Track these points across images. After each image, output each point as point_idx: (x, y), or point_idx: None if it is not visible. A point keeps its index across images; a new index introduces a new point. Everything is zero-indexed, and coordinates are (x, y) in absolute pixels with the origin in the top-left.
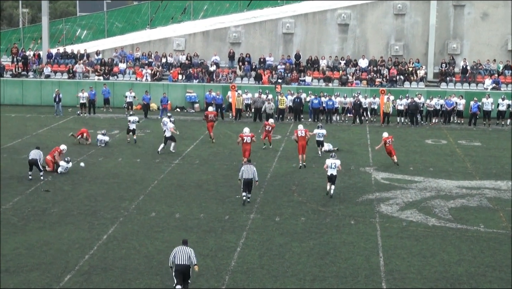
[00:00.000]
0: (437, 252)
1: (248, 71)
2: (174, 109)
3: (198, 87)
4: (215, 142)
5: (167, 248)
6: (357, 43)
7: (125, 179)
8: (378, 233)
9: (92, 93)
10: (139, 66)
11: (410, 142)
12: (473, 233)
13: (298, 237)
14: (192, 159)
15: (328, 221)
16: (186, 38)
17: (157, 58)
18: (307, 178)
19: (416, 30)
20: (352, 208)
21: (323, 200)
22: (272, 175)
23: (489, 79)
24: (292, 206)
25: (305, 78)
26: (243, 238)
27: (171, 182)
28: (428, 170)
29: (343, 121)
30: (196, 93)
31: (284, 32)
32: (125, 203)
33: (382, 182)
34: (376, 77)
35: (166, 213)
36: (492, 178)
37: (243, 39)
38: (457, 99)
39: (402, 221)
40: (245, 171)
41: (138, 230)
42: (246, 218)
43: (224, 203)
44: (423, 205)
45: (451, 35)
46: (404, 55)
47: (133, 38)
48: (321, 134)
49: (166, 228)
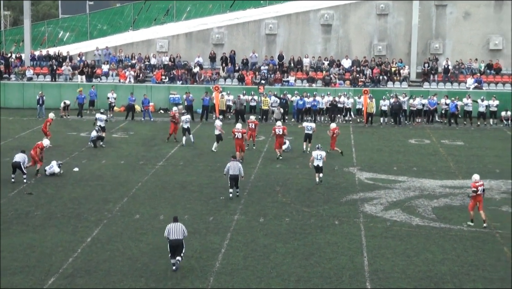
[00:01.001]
0: (421, 252)
1: (231, 72)
2: (157, 111)
3: (181, 89)
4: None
5: (152, 250)
6: (340, 43)
7: (109, 181)
8: (362, 233)
9: (82, 97)
10: (122, 68)
11: (393, 142)
12: (456, 232)
13: (282, 237)
14: (176, 160)
15: (313, 222)
16: (169, 39)
17: (140, 60)
18: (291, 179)
19: (398, 30)
20: (336, 208)
21: (308, 200)
22: (256, 176)
23: (471, 79)
24: (277, 207)
25: (289, 79)
26: (228, 239)
27: (155, 183)
28: (411, 169)
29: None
30: (180, 95)
31: (267, 33)
32: (109, 205)
33: (366, 182)
34: (359, 78)
35: (150, 215)
36: None
37: (226, 40)
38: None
39: (386, 221)
40: (231, 167)
41: (122, 232)
42: (231, 219)
43: (208, 204)
44: (407, 204)
45: (434, 35)
46: (387, 55)
47: (116, 40)
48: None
49: (151, 230)
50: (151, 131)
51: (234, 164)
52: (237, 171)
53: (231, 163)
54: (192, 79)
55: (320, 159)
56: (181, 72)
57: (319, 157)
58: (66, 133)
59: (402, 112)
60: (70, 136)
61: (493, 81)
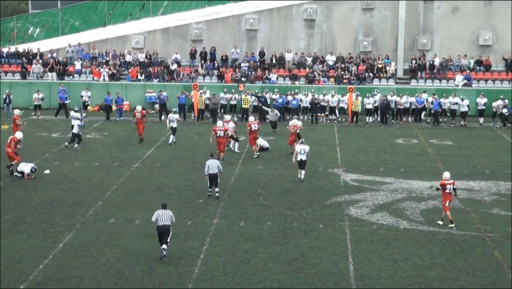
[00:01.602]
0: (408, 256)
1: (211, 69)
2: (133, 110)
3: (158, 87)
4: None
5: (127, 256)
6: (324, 39)
7: (82, 183)
8: (347, 237)
9: (65, 96)
10: (96, 66)
11: (380, 142)
12: (445, 235)
13: (264, 242)
14: (153, 162)
15: (295, 225)
16: (145, 35)
17: (115, 57)
18: (273, 181)
19: (385, 25)
20: (320, 211)
21: (290, 203)
22: (237, 178)
23: (460, 76)
24: (258, 210)
25: (270, 76)
26: (207, 244)
27: (131, 186)
28: (399, 170)
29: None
30: (157, 94)
31: (248, 29)
32: (82, 209)
33: (352, 183)
34: (344, 75)
35: (126, 219)
36: (464, 178)
37: (205, 36)
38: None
39: (373, 224)
40: (210, 166)
41: (96, 238)
42: (210, 223)
43: (187, 208)
44: (394, 207)
45: (421, 30)
46: (373, 51)
47: (89, 36)
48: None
49: (126, 235)
50: (126, 132)
51: (212, 162)
52: (216, 169)
53: (210, 161)
54: (169, 77)
55: (303, 153)
56: (158, 69)
57: (303, 151)
58: (37, 134)
59: (389, 111)
60: (41, 137)
61: (483, 78)
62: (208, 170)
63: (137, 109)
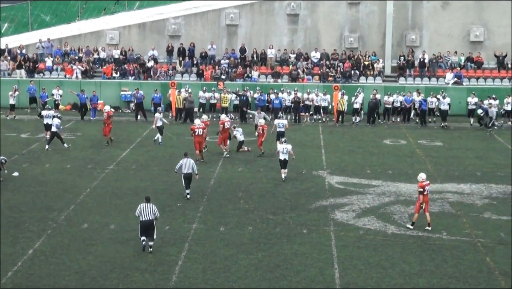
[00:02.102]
0: (396, 263)
1: (189, 66)
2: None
3: (134, 85)
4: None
5: (101, 263)
6: (308, 35)
7: (53, 187)
8: (332, 242)
9: (45, 94)
10: (68, 62)
11: (367, 143)
12: (435, 241)
13: (245, 248)
14: (128, 164)
15: (278, 230)
16: (120, 31)
17: (88, 53)
18: (255, 183)
19: (372, 21)
20: (305, 215)
21: (273, 207)
22: (216, 181)
23: (450, 73)
24: (238, 215)
25: (252, 74)
26: (185, 251)
27: (105, 189)
28: (386, 172)
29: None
30: (132, 92)
31: (228, 24)
32: (53, 214)
33: (337, 186)
34: (329, 72)
35: (100, 224)
36: (455, 181)
37: (183, 32)
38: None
39: (359, 229)
40: (184, 165)
41: (68, 244)
42: (188, 228)
43: (164, 212)
44: (382, 211)
45: (410, 26)
46: (359, 48)
47: (61, 31)
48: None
49: (100, 241)
50: (100, 132)
51: (187, 161)
52: (191, 169)
53: (184, 160)
54: (145, 74)
55: (286, 153)
56: (134, 66)
57: (285, 150)
58: (5, 134)
59: (377, 111)
60: (9, 137)
61: (474, 76)
62: (182, 169)
63: (104, 109)
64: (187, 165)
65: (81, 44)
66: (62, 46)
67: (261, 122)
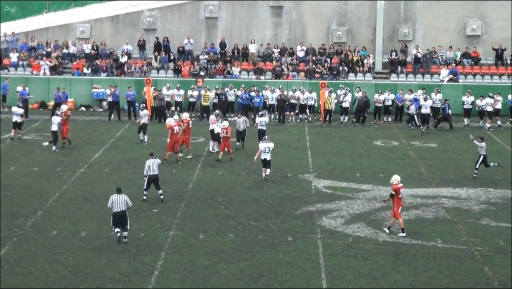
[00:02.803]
0: (388, 272)
1: (166, 62)
2: (78, 108)
3: (106, 82)
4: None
5: (71, 273)
6: (293, 28)
7: (19, 191)
8: (320, 251)
9: (26, 92)
10: (35, 58)
11: (356, 144)
12: (429, 249)
13: (226, 257)
14: (101, 166)
15: (261, 238)
16: (92, 24)
17: (57, 48)
18: (236, 188)
19: (361, 13)
20: (290, 222)
21: (255, 213)
22: (195, 185)
23: (446, 70)
24: (219, 221)
25: (233, 71)
26: (162, 260)
27: (76, 194)
28: (377, 176)
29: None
30: (104, 89)
31: (207, 16)
32: (19, 220)
33: (324, 191)
34: (315, 68)
35: (70, 231)
36: (451, 185)
37: (159, 25)
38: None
39: (348, 237)
40: (151, 166)
41: (35, 252)
42: (165, 236)
43: (139, 218)
44: (372, 217)
45: (402, 19)
46: (348, 42)
47: (27, 24)
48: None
49: (70, 249)
50: (70, 132)
51: (153, 161)
52: (157, 170)
53: (150, 160)
54: (119, 70)
55: (268, 152)
56: (106, 62)
57: (267, 149)
58: None
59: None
60: None
61: (471, 73)
62: (149, 170)
63: (61, 108)
64: (154, 166)
65: (49, 38)
66: (29, 41)
67: (225, 124)
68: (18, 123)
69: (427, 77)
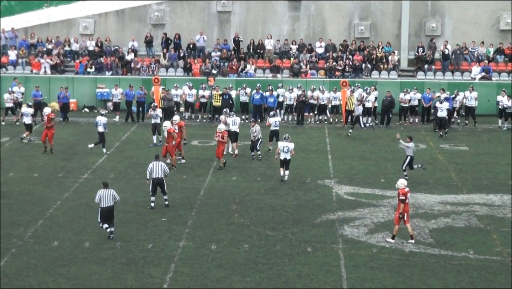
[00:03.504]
0: (415, 286)
1: (175, 60)
2: (81, 110)
3: (111, 81)
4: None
5: (74, 286)
6: (312, 23)
7: (18, 199)
8: (341, 262)
9: (39, 93)
10: (35, 55)
11: (380, 147)
12: (460, 260)
13: (240, 269)
14: (105, 172)
15: (279, 249)
16: (96, 19)
17: (59, 45)
18: (251, 194)
19: (385, 6)
20: (309, 231)
21: (272, 222)
22: (207, 191)
23: (477, 67)
24: (232, 230)
25: (247, 69)
26: (171, 272)
27: (79, 202)
28: None
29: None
30: (110, 89)
31: (220, 11)
32: (18, 230)
33: (346, 197)
34: (336, 66)
35: (73, 242)
36: (483, 191)
37: (167, 20)
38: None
39: (372, 247)
40: (154, 169)
41: (36, 264)
42: (175, 246)
43: (147, 227)
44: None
45: (430, 12)
46: (371, 38)
47: (27, 20)
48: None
49: (73, 261)
50: (73, 136)
51: (156, 164)
52: (161, 173)
53: (153, 163)
54: (124, 69)
55: (287, 152)
56: (111, 60)
57: (286, 149)
58: None
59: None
60: None
61: (505, 70)
62: (152, 173)
63: (44, 112)
64: (157, 169)
65: (50, 34)
66: (28, 37)
67: (221, 128)
68: (27, 125)
69: (456, 75)
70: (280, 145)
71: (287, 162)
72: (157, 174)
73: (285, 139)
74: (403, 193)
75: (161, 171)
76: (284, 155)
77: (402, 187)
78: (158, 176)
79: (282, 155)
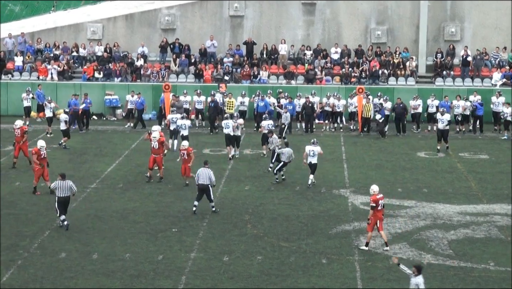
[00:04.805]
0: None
1: (186, 66)
2: (90, 117)
3: (120, 88)
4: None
5: None
6: (327, 28)
7: (25, 209)
8: (357, 274)
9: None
10: (42, 61)
11: (397, 156)
12: (480, 272)
13: (253, 281)
14: (115, 181)
15: (293, 260)
16: (104, 23)
17: (66, 50)
18: (265, 204)
19: (403, 11)
20: (324, 242)
21: (286, 232)
22: (219, 201)
23: (498, 73)
24: (245, 241)
25: (260, 75)
26: (182, 284)
27: (87, 212)
28: (421, 191)
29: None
30: (119, 96)
31: (232, 15)
32: (24, 241)
33: (362, 208)
34: (352, 72)
35: (81, 253)
36: (504, 201)
37: (178, 25)
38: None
39: (389, 259)
40: (200, 175)
41: (42, 276)
42: (186, 258)
43: (157, 238)
44: (416, 237)
45: (449, 16)
46: (388, 43)
47: (34, 24)
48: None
49: (81, 273)
50: (80, 144)
51: (203, 170)
52: (208, 180)
53: (201, 169)
54: (134, 75)
55: (314, 156)
56: (120, 66)
57: (312, 153)
58: None
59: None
60: None
61: None
62: (198, 179)
63: (15, 125)
64: (204, 175)
65: (57, 39)
66: (35, 42)
67: (185, 145)
68: (62, 131)
69: (477, 81)
70: (307, 149)
71: (314, 165)
72: (202, 180)
73: (313, 143)
74: (374, 200)
75: (207, 178)
76: (311, 158)
77: (373, 193)
78: (202, 182)
79: (309, 158)
